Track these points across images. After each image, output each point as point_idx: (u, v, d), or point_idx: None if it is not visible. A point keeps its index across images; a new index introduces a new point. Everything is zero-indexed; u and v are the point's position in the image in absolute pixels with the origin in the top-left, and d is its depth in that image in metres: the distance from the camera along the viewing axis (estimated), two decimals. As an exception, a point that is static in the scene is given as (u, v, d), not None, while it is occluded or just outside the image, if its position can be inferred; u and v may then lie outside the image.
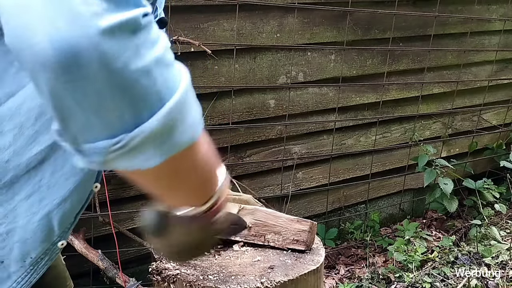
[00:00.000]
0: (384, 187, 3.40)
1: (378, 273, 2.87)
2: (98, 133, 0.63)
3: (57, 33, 0.57)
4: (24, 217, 0.88)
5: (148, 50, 0.62)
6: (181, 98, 0.65)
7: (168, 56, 0.65)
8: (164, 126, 0.64)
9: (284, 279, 1.08)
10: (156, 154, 0.66)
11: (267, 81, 2.68)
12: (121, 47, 0.60)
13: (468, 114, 3.68)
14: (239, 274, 1.10)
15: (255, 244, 1.24)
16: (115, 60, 0.59)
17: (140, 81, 0.61)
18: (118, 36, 0.59)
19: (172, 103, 0.64)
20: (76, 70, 0.58)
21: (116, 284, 2.19)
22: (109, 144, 0.63)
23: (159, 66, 0.63)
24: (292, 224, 1.24)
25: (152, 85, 0.62)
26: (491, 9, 3.50)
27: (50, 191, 0.89)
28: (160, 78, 0.63)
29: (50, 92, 0.61)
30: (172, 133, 0.66)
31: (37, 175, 0.87)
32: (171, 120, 0.64)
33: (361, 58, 3.00)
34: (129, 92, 0.61)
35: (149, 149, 0.65)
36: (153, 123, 0.63)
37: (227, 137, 2.59)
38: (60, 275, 1.26)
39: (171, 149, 0.67)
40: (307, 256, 1.19)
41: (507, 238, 3.21)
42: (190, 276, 1.08)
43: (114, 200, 2.34)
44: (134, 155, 0.65)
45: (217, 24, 2.43)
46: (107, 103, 0.61)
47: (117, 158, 0.65)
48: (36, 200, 0.88)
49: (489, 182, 3.58)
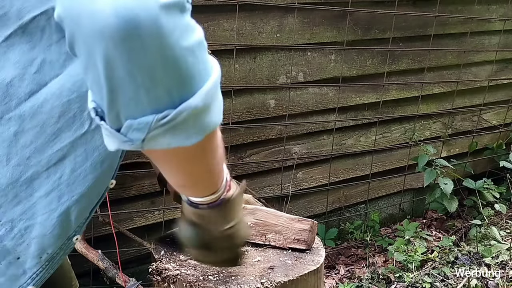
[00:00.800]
0: (384, 187, 3.40)
1: (378, 273, 2.87)
2: (144, 107, 0.65)
3: (121, 2, 0.60)
4: (43, 213, 0.89)
5: (192, 32, 0.66)
6: (217, 80, 0.69)
7: (205, 42, 0.69)
8: (204, 104, 0.67)
9: (284, 280, 1.08)
10: (195, 132, 0.68)
11: (267, 81, 2.68)
12: (175, 24, 0.63)
13: (468, 114, 3.68)
14: (239, 275, 1.10)
15: (256, 243, 1.24)
16: (169, 35, 0.62)
17: (187, 59, 0.64)
18: (173, 13, 0.62)
19: (211, 83, 0.68)
20: (135, 40, 0.60)
21: (116, 284, 2.19)
22: (155, 119, 0.65)
23: (201, 48, 0.67)
24: (293, 224, 1.24)
25: (196, 64, 0.66)
26: (491, 9, 3.50)
27: (70, 188, 0.90)
28: (201, 59, 0.67)
29: (105, 61, 0.62)
30: (209, 111, 0.69)
31: (57, 172, 0.88)
32: (210, 99, 0.68)
33: (361, 58, 3.00)
34: (178, 67, 0.64)
35: (190, 127, 0.67)
36: (197, 99, 0.66)
37: (227, 137, 2.58)
38: (66, 274, 1.27)
39: (207, 128, 0.69)
40: (307, 257, 1.19)
41: (507, 238, 3.21)
42: (190, 277, 1.07)
43: (114, 200, 2.34)
44: (176, 132, 0.67)
45: (217, 24, 2.43)
46: (157, 76, 0.63)
47: (160, 135, 0.66)
48: (55, 197, 0.89)
49: (489, 182, 3.58)
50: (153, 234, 2.49)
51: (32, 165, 0.85)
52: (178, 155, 0.73)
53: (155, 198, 2.45)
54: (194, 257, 1.00)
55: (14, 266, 0.89)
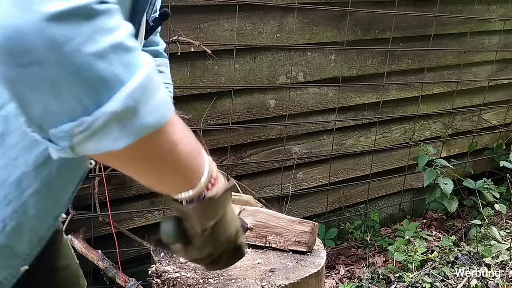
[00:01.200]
0: (384, 187, 3.40)
1: (378, 273, 2.86)
2: (59, 117, 0.64)
3: (0, 20, 0.57)
4: (35, 209, 0.90)
5: (104, 36, 0.62)
6: (142, 81, 0.66)
7: (129, 43, 0.65)
8: (126, 107, 0.64)
9: (285, 283, 1.07)
10: (123, 135, 0.66)
11: (267, 81, 2.68)
12: (72, 32, 0.60)
13: (468, 114, 3.68)
14: (240, 278, 1.09)
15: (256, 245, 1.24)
16: (65, 45, 0.59)
17: (95, 64, 0.61)
18: (68, 21, 0.59)
19: (132, 85, 0.64)
20: (24, 55, 0.58)
21: (116, 284, 2.19)
22: (72, 127, 0.64)
23: (116, 51, 0.63)
24: (294, 225, 1.23)
25: (108, 68, 0.62)
26: (491, 9, 3.49)
27: (59, 183, 0.92)
28: (118, 62, 0.63)
29: (3, 79, 0.61)
30: (135, 115, 0.66)
31: (45, 170, 0.89)
32: (133, 102, 0.65)
33: (361, 58, 3.00)
34: (84, 75, 0.61)
35: (114, 131, 0.65)
36: (114, 104, 0.63)
37: (227, 137, 2.58)
38: (74, 273, 1.27)
39: (137, 131, 0.67)
40: (308, 259, 1.18)
41: (507, 238, 3.21)
42: (190, 280, 1.07)
43: (114, 200, 2.34)
44: (101, 137, 0.65)
45: (217, 24, 2.43)
46: (62, 87, 0.61)
47: (84, 141, 0.65)
48: (45, 193, 0.90)
49: (489, 182, 3.58)
50: (153, 234, 2.49)
51: (19, 165, 0.86)
52: (118, 158, 0.71)
53: (155, 198, 2.45)
54: (175, 251, 0.98)
55: (6, 254, 0.92)
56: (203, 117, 2.51)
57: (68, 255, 1.26)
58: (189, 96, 2.46)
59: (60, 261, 1.22)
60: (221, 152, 2.63)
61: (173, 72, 2.35)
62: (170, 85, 1.34)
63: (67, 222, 2.14)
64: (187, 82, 2.42)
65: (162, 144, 0.73)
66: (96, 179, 2.20)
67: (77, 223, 2.23)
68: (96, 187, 2.20)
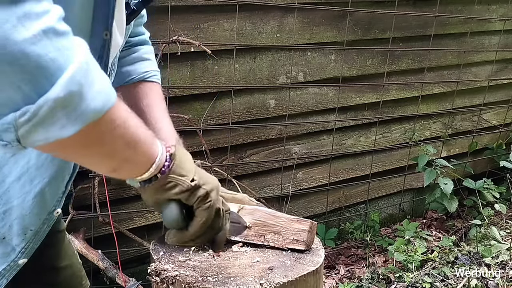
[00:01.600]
0: (384, 187, 3.40)
1: (378, 273, 2.87)
2: (1, 108, 0.62)
3: None
4: (18, 197, 0.91)
5: (33, 21, 0.61)
6: (82, 65, 0.64)
7: (60, 27, 0.64)
8: (69, 92, 0.63)
9: (283, 280, 1.07)
10: (69, 122, 0.65)
11: (267, 81, 2.68)
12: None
13: (468, 114, 3.68)
14: (238, 276, 1.09)
15: (255, 244, 1.24)
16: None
17: (28, 51, 0.60)
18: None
19: (73, 69, 0.63)
20: None
21: (116, 284, 2.19)
22: (15, 117, 0.62)
23: (48, 36, 0.62)
24: (292, 224, 1.23)
25: (43, 54, 0.61)
26: (491, 9, 3.50)
27: (39, 171, 0.92)
28: (52, 47, 0.62)
29: None
30: (80, 100, 0.65)
31: (25, 157, 0.89)
32: (76, 85, 0.64)
33: (361, 58, 3.00)
34: (19, 63, 0.60)
35: (61, 117, 0.64)
36: (56, 90, 0.62)
37: (227, 137, 2.59)
38: (76, 273, 1.27)
39: (84, 116, 0.66)
40: (306, 257, 1.19)
41: (507, 238, 3.21)
42: (189, 278, 1.07)
43: (114, 200, 2.34)
44: (48, 126, 0.64)
45: (217, 24, 2.43)
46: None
47: (30, 131, 0.64)
48: (27, 181, 0.91)
49: (489, 182, 3.58)
50: (153, 234, 2.49)
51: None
52: (67, 146, 0.70)
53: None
54: (172, 241, 0.99)
55: (1, 245, 0.93)
56: (203, 117, 2.51)
57: (70, 255, 1.26)
58: (189, 96, 2.46)
59: (61, 261, 1.23)
60: (221, 152, 2.63)
61: (173, 72, 2.36)
62: (157, 72, 1.34)
63: (67, 222, 2.14)
64: (187, 82, 2.43)
65: (110, 128, 0.72)
66: (96, 179, 2.21)
67: (77, 223, 2.24)
68: (96, 187, 2.21)
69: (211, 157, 2.53)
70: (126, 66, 1.29)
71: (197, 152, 2.49)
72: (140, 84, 1.28)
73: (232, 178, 2.61)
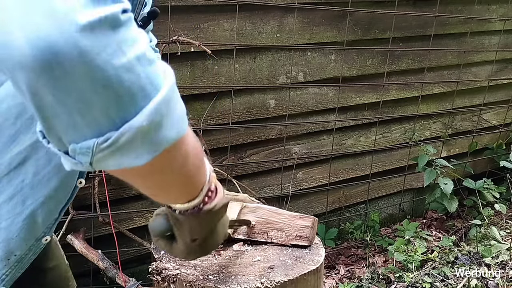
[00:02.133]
0: (384, 187, 3.40)
1: (378, 273, 2.87)
2: (83, 132, 0.62)
3: (34, 30, 0.55)
4: (7, 218, 0.87)
5: (130, 47, 0.60)
6: (167, 94, 0.64)
7: (150, 54, 0.64)
8: (151, 122, 0.62)
9: (284, 279, 1.08)
10: (145, 151, 0.64)
11: (267, 81, 2.68)
12: (102, 44, 0.58)
13: (468, 114, 3.68)
14: (239, 274, 1.10)
15: (257, 242, 1.24)
16: (96, 57, 0.58)
17: (123, 78, 0.60)
18: (98, 32, 0.57)
19: (158, 99, 0.63)
20: (56, 68, 0.56)
21: (116, 284, 2.19)
22: (97, 143, 0.62)
23: (141, 63, 0.62)
24: (295, 221, 1.24)
25: (136, 81, 0.61)
26: (491, 9, 3.50)
27: (34, 191, 0.88)
28: (143, 74, 0.62)
29: (31, 91, 0.59)
30: (159, 129, 0.64)
31: (19, 176, 0.86)
32: (158, 116, 0.63)
33: (361, 58, 3.00)
34: (113, 88, 0.60)
35: (138, 146, 0.63)
36: (141, 119, 0.62)
37: (227, 137, 2.59)
38: (63, 275, 1.26)
39: (159, 145, 0.65)
40: (307, 256, 1.19)
41: (507, 238, 3.21)
42: (190, 276, 1.07)
43: (114, 200, 2.34)
44: (124, 153, 0.63)
45: (217, 24, 2.43)
46: (90, 100, 0.59)
47: (106, 157, 0.63)
48: (19, 201, 0.87)
49: (489, 182, 3.58)
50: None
51: None
52: (135, 172, 0.69)
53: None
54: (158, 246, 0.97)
55: None
56: (203, 117, 2.51)
57: (57, 256, 1.24)
58: (189, 96, 2.46)
59: (49, 262, 1.21)
60: (221, 152, 2.63)
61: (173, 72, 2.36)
62: None
63: (67, 222, 2.14)
64: (187, 82, 2.43)
65: (178, 156, 0.71)
66: (96, 179, 2.21)
67: (77, 223, 2.24)
68: (96, 187, 2.21)
69: (211, 157, 2.53)
70: None
71: (197, 152, 2.49)
72: None
73: (232, 178, 2.61)
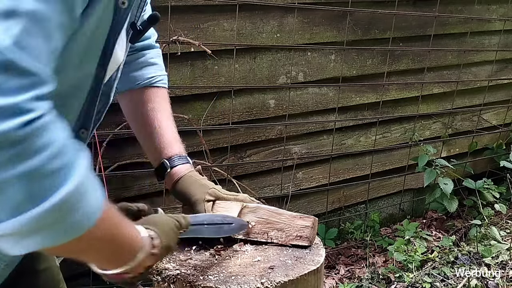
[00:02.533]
0: (384, 187, 3.40)
1: (378, 273, 2.87)
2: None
3: None
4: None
5: (24, 159, 0.62)
6: (62, 199, 0.65)
7: (54, 162, 0.64)
8: (58, 213, 0.66)
9: (284, 280, 1.08)
10: (47, 238, 0.67)
11: (267, 81, 2.68)
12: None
13: (468, 114, 3.68)
14: (239, 275, 1.09)
15: (258, 242, 1.24)
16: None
17: (7, 188, 0.62)
18: None
19: (66, 191, 0.65)
20: None
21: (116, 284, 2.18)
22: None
23: (35, 175, 0.63)
24: (295, 221, 1.24)
25: (16, 195, 0.63)
26: (491, 9, 3.50)
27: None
28: (39, 184, 0.63)
29: None
30: (70, 215, 0.67)
31: None
32: (68, 206, 0.66)
33: (361, 58, 3.00)
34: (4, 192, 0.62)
35: (37, 235, 0.66)
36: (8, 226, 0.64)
37: (227, 137, 2.58)
38: (55, 277, 1.26)
39: (63, 237, 0.69)
40: (307, 256, 1.19)
41: (507, 238, 3.21)
42: (190, 276, 1.08)
43: (114, 200, 2.34)
44: (24, 239, 0.66)
45: (217, 24, 2.43)
46: None
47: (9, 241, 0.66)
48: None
49: (489, 182, 3.58)
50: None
51: None
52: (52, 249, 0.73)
53: (155, 198, 2.45)
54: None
55: None
56: (203, 117, 2.51)
57: (48, 258, 1.25)
58: (189, 96, 2.46)
59: (40, 263, 1.21)
60: (221, 152, 2.63)
61: (173, 72, 2.36)
62: (164, 76, 1.33)
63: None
64: (187, 82, 2.43)
65: (92, 239, 0.76)
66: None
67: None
68: (96, 187, 2.20)
69: (211, 157, 2.53)
70: (133, 72, 1.29)
71: (197, 152, 2.49)
72: (145, 89, 1.29)
73: (232, 178, 2.61)
